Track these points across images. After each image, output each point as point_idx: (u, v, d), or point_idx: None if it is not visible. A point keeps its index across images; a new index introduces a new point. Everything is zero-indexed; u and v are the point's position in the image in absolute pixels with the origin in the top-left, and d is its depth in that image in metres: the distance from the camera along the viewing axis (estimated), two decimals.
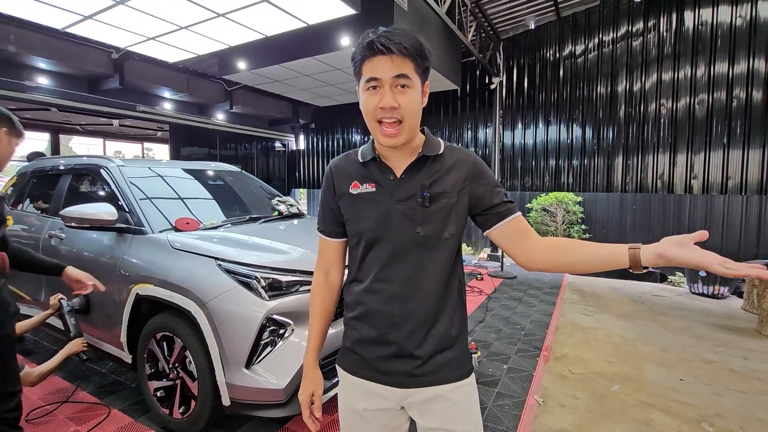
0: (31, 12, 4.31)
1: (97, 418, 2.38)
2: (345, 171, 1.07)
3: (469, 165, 1.02)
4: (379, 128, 0.95)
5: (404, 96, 0.92)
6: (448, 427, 1.00)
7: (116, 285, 2.42)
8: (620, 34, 6.64)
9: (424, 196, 0.98)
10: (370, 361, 1.04)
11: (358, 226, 1.04)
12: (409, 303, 1.00)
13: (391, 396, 1.03)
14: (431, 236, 0.99)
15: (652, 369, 3.18)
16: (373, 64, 0.91)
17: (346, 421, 1.10)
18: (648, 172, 6.52)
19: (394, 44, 0.88)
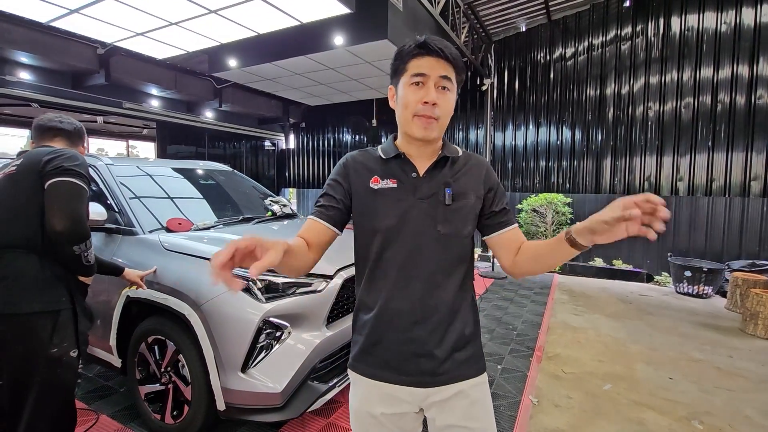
0: (13, 4, 4.16)
1: (84, 424, 2.31)
2: (364, 165, 1.08)
3: (484, 169, 1.10)
4: (415, 121, 1.00)
5: (444, 97, 0.99)
6: (466, 424, 1.02)
7: (105, 287, 2.36)
8: (609, 37, 6.75)
9: (447, 194, 1.02)
10: (392, 363, 1.03)
11: (376, 221, 1.03)
12: (429, 301, 1.01)
13: (411, 398, 1.03)
14: (451, 234, 1.02)
15: (641, 368, 3.23)
16: (422, 61, 0.98)
17: (361, 425, 1.09)
18: (636, 173, 6.64)
19: (446, 48, 0.98)
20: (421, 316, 1.01)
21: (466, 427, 1.02)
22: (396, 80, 1.04)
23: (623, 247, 6.74)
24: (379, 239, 1.03)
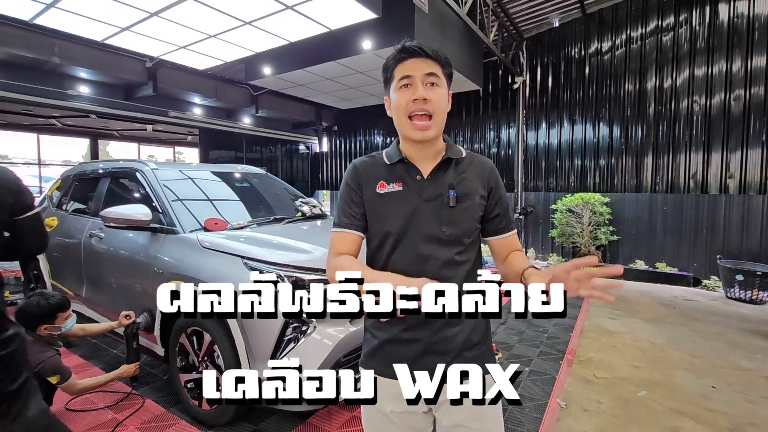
0: (74, 25, 4.59)
1: (132, 407, 2.52)
2: (371, 172, 1.11)
3: (488, 171, 1.11)
4: (410, 123, 1.03)
5: (434, 92, 1.02)
6: (473, 425, 1.03)
7: (150, 282, 2.57)
8: (649, 29, 6.43)
9: (451, 196, 1.04)
10: (401, 361, 1.02)
11: (385, 224, 1.06)
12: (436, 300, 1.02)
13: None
14: (456, 235, 1.05)
15: (681, 375, 3.08)
16: (406, 65, 1.02)
17: (372, 423, 1.12)
18: (680, 171, 6.27)
19: (426, 47, 1.01)
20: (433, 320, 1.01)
21: (472, 428, 1.03)
22: (387, 89, 1.08)
23: (667, 249, 6.39)
24: (388, 241, 1.06)
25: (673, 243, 6.34)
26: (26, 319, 2.22)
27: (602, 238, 6.69)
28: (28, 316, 2.22)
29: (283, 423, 2.36)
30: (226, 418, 2.24)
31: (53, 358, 2.21)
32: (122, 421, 2.38)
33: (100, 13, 4.24)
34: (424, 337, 1.04)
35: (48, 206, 3.90)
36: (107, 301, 2.98)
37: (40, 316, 2.23)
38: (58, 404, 2.53)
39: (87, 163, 3.93)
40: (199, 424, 2.34)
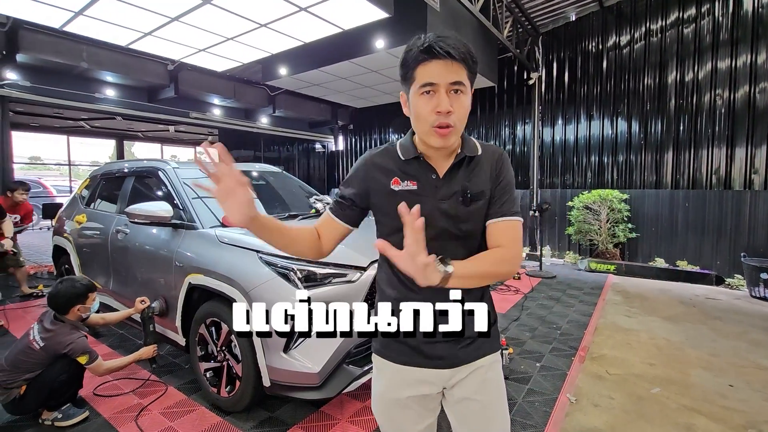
0: (100, 31, 4.81)
1: (156, 393, 2.66)
2: (383, 166, 1.08)
3: (496, 160, 1.07)
4: (433, 132, 0.96)
5: (458, 101, 0.94)
6: (477, 397, 1.08)
7: (172, 275, 2.70)
8: (670, 21, 6.27)
9: (466, 197, 1.03)
10: (419, 349, 1.06)
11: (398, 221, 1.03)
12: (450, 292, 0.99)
13: (437, 380, 1.08)
14: (472, 231, 1.05)
15: (698, 373, 3.03)
16: (429, 68, 0.92)
17: (385, 410, 1.13)
18: (702, 167, 6.11)
19: (452, 48, 0.90)
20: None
21: (477, 400, 1.07)
22: (406, 87, 0.99)
23: (689, 247, 6.23)
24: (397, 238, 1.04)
25: (695, 240, 6.18)
26: (59, 303, 2.40)
27: (620, 235, 6.58)
28: (62, 300, 2.40)
29: (296, 411, 2.45)
30: (243, 404, 2.35)
31: (81, 339, 2.38)
32: (146, 406, 2.51)
33: (124, 19, 4.43)
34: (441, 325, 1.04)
35: (78, 204, 4.12)
36: (133, 293, 3.14)
37: (74, 298, 2.42)
38: (87, 389, 2.69)
39: (113, 162, 4.12)
40: (218, 410, 2.45)
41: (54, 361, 2.32)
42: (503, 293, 5.19)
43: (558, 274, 6.32)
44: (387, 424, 1.15)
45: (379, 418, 1.16)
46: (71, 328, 2.39)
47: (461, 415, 1.10)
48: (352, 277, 2.32)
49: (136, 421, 2.34)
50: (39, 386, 2.27)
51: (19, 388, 2.25)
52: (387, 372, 1.11)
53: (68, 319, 2.42)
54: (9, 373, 2.25)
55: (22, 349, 2.30)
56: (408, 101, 1.01)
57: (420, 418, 1.12)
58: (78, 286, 2.47)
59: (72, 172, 13.86)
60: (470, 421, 1.09)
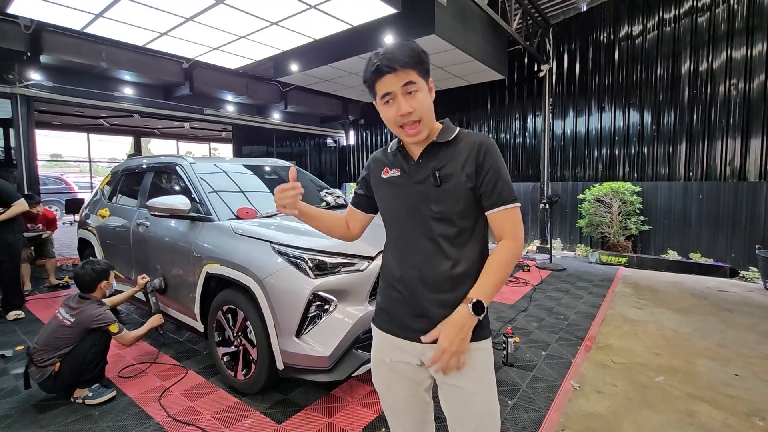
0: (119, 32, 4.98)
1: (176, 376, 2.82)
2: (380, 160, 1.30)
3: (476, 148, 1.13)
4: (402, 131, 1.12)
5: (415, 100, 1.08)
6: (457, 384, 1.14)
7: (190, 265, 2.84)
8: (683, 10, 6.16)
9: (436, 177, 1.13)
10: (397, 320, 1.20)
11: (386, 204, 1.26)
12: (425, 271, 1.14)
13: (411, 350, 1.18)
14: (445, 212, 1.13)
15: (704, 363, 3.06)
16: (383, 82, 1.07)
17: (377, 370, 1.29)
18: (716, 158, 6.01)
19: (396, 62, 1.04)
20: (419, 283, 1.15)
21: (457, 386, 1.14)
22: (373, 98, 1.16)
23: (702, 239, 6.17)
24: (393, 219, 1.24)
25: (708, 232, 6.11)
26: (86, 281, 2.64)
27: (632, 228, 6.54)
28: (89, 278, 2.65)
29: (308, 394, 2.58)
30: (258, 387, 2.48)
31: (108, 310, 2.62)
32: (168, 387, 2.67)
33: (141, 20, 4.59)
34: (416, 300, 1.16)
35: (101, 199, 4.31)
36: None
37: (99, 274, 2.68)
38: (112, 372, 2.87)
39: (133, 159, 4.29)
40: (235, 392, 2.59)
41: (85, 336, 2.52)
42: (512, 285, 5.24)
43: (568, 266, 6.33)
44: (381, 387, 1.29)
45: (376, 383, 1.30)
46: (97, 303, 2.60)
47: (443, 394, 1.20)
48: (361, 266, 2.42)
49: (159, 401, 2.50)
50: (72, 361, 2.46)
51: (53, 365, 2.43)
52: (377, 338, 1.28)
53: (93, 297, 2.66)
54: (43, 352, 2.43)
55: (54, 329, 2.49)
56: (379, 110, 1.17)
57: (406, 383, 1.23)
58: (101, 263, 2.74)
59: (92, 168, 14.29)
60: (451, 403, 1.18)
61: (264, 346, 2.38)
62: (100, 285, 2.68)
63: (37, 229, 4.96)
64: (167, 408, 2.42)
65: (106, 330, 2.56)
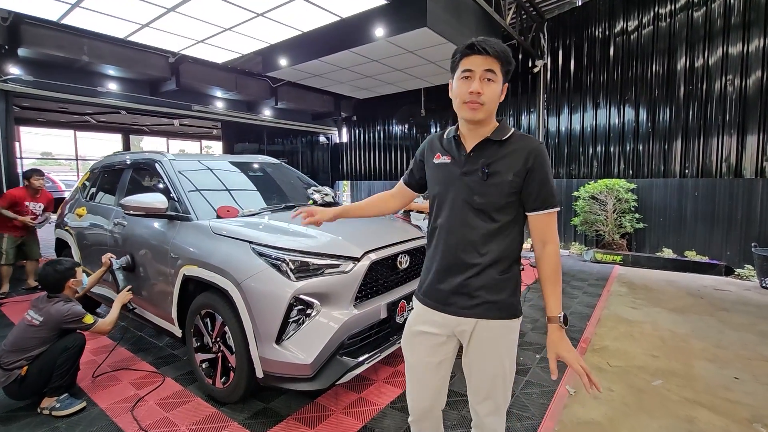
0: (98, 24, 4.79)
1: (153, 384, 2.68)
2: (434, 145, 1.41)
3: (528, 152, 1.23)
4: (464, 105, 1.22)
5: (489, 87, 1.20)
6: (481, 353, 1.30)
7: (167, 267, 2.69)
8: (679, 5, 6.07)
9: (484, 172, 1.24)
10: (434, 294, 1.34)
11: (435, 187, 1.37)
12: (462, 255, 1.28)
13: (445, 323, 1.32)
14: (486, 205, 1.25)
15: (702, 365, 2.97)
16: (470, 59, 1.20)
17: (407, 339, 1.43)
18: (711, 155, 5.95)
19: (489, 47, 1.18)
20: (455, 263, 1.28)
21: (479, 351, 1.29)
22: (452, 75, 1.28)
23: (698, 237, 6.10)
24: (436, 201, 1.36)
25: (704, 230, 6.04)
26: (50, 283, 2.50)
27: (627, 225, 6.47)
28: (52, 280, 2.49)
29: (291, 402, 2.45)
30: (237, 395, 2.34)
31: (77, 306, 2.49)
32: (143, 396, 2.53)
33: (121, 10, 4.40)
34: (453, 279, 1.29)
35: (78, 197, 4.14)
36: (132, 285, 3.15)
37: (64, 273, 2.52)
38: (86, 380, 2.71)
39: (113, 155, 4.11)
40: (213, 401, 2.45)
41: (56, 339, 2.38)
42: None
43: (563, 264, 6.24)
44: (408, 352, 1.43)
45: (404, 347, 1.45)
46: (65, 300, 2.46)
47: (466, 357, 1.34)
48: (346, 267, 2.29)
49: (131, 412, 2.35)
50: (41, 365, 2.32)
51: (20, 369, 2.28)
52: (416, 309, 1.42)
53: (63, 295, 2.52)
54: (11, 354, 2.30)
55: (22, 330, 2.36)
56: (452, 86, 1.28)
57: (431, 351, 1.36)
58: (64, 262, 2.59)
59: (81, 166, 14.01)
60: (471, 365, 1.33)
61: (243, 352, 2.24)
62: (67, 284, 2.54)
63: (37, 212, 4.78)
64: (140, 419, 2.28)
65: (79, 330, 2.43)
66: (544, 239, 1.27)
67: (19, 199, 4.62)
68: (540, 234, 1.28)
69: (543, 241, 1.27)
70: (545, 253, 1.27)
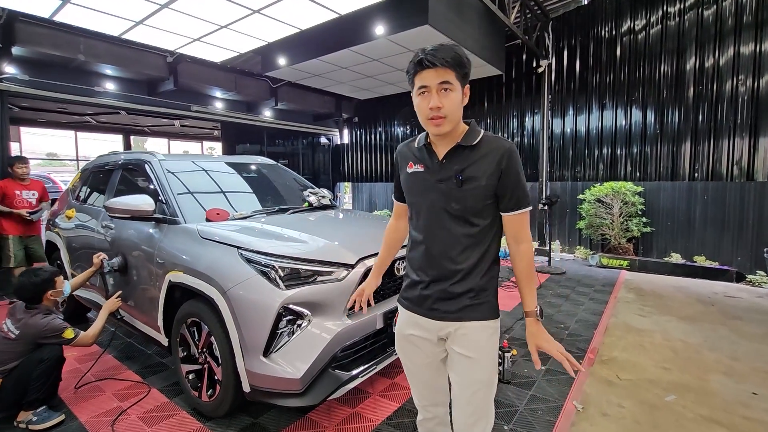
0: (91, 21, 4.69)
1: (137, 395, 2.54)
2: (405, 154, 1.41)
3: (501, 155, 1.23)
4: (428, 121, 1.23)
5: (447, 98, 1.19)
6: (465, 353, 1.29)
7: (153, 272, 2.56)
8: (689, 3, 5.91)
9: (458, 179, 1.24)
10: (416, 300, 1.36)
11: (411, 197, 1.38)
12: (444, 261, 1.29)
13: (431, 327, 1.34)
14: (463, 210, 1.26)
15: (717, 379, 2.81)
16: (422, 75, 1.20)
17: (399, 344, 1.45)
18: (722, 157, 5.77)
19: (438, 59, 1.16)
20: (437, 270, 1.30)
21: (464, 355, 1.29)
22: (411, 90, 1.28)
23: (707, 241, 5.92)
24: (414, 211, 1.37)
25: (714, 235, 5.86)
26: (28, 293, 2.35)
27: (634, 229, 6.29)
28: (31, 290, 2.35)
29: (281, 417, 2.31)
30: (224, 410, 2.21)
31: (56, 318, 2.35)
32: (126, 409, 2.40)
33: (113, 7, 4.29)
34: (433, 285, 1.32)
35: (69, 199, 4.02)
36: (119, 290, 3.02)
37: (42, 284, 2.37)
38: (68, 390, 2.58)
39: (105, 155, 4.00)
40: (199, 416, 2.32)
41: (32, 351, 2.25)
42: (510, 290, 4.98)
43: (568, 269, 6.08)
44: (403, 356, 1.46)
45: (398, 351, 1.47)
46: (45, 313, 2.32)
47: (451, 362, 1.35)
48: (339, 275, 2.16)
49: (112, 426, 2.22)
50: (17, 378, 2.20)
51: None
52: (402, 315, 1.43)
53: (42, 306, 2.39)
54: None
55: None
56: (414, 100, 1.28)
57: (423, 354, 1.39)
58: (42, 273, 2.42)
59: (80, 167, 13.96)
60: (455, 368, 1.33)
61: (229, 365, 2.11)
62: (46, 295, 2.39)
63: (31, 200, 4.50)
64: None
65: (58, 344, 2.29)
66: (518, 238, 1.29)
67: (7, 189, 4.34)
68: (514, 233, 1.30)
69: (517, 240, 1.30)
70: (520, 251, 1.30)
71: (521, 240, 1.29)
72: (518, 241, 1.29)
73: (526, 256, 1.29)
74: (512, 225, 1.29)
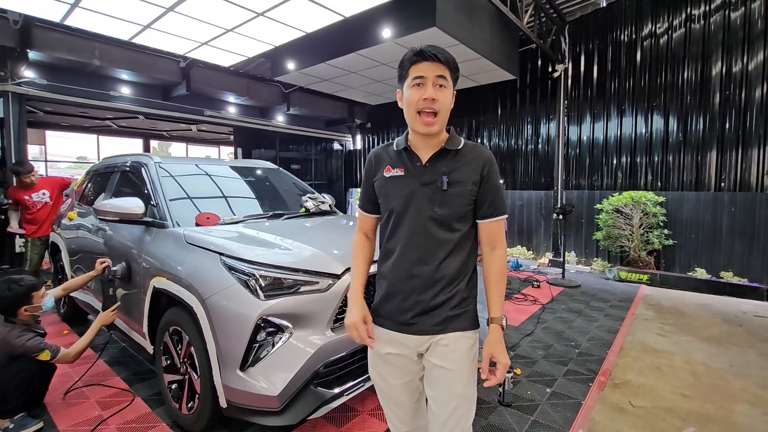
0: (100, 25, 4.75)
1: (121, 404, 2.47)
2: (381, 158, 1.34)
3: (484, 161, 1.25)
4: (418, 117, 1.20)
5: (442, 93, 1.19)
6: (443, 365, 1.24)
7: (140, 277, 2.49)
8: (714, 5, 5.62)
9: (444, 181, 1.22)
10: (393, 315, 1.29)
11: (389, 202, 1.29)
12: (423, 269, 1.24)
13: (411, 343, 1.28)
14: (447, 215, 1.23)
15: (743, 410, 2.54)
16: (420, 66, 1.18)
17: (374, 363, 1.37)
18: (751, 167, 5.42)
19: (439, 53, 1.18)
20: (421, 285, 1.24)
21: (444, 367, 1.24)
22: (401, 84, 1.25)
23: (735, 256, 5.56)
24: (392, 217, 1.29)
25: (742, 249, 5.50)
26: (2, 304, 2.26)
27: (655, 242, 5.96)
28: (3, 303, 2.26)
29: None
30: (202, 425, 2.09)
31: (33, 339, 2.23)
32: (106, 419, 2.32)
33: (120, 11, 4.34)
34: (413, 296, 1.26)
35: (74, 200, 4.04)
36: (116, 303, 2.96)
37: (15, 299, 2.26)
38: (56, 395, 2.53)
39: (110, 157, 4.01)
40: (179, 429, 2.22)
41: (9, 361, 2.18)
42: (519, 303, 4.76)
43: (583, 282, 5.79)
44: (376, 376, 1.39)
45: (371, 372, 1.40)
46: (23, 329, 2.25)
47: (429, 377, 1.29)
48: (323, 285, 2.03)
49: None
50: None
51: None
52: (376, 333, 1.34)
53: (20, 320, 2.29)
54: None
55: None
56: (402, 95, 1.25)
57: (401, 373, 1.32)
58: (15, 287, 2.28)
59: None
60: (434, 383, 1.27)
61: (207, 378, 2.00)
62: (20, 310, 2.28)
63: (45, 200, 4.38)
64: None
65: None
66: (493, 244, 1.29)
67: (17, 196, 4.32)
68: (490, 240, 1.29)
69: (492, 246, 1.29)
70: (494, 256, 1.28)
71: (497, 246, 1.28)
72: (494, 247, 1.28)
73: (500, 261, 1.28)
74: (489, 232, 1.28)
